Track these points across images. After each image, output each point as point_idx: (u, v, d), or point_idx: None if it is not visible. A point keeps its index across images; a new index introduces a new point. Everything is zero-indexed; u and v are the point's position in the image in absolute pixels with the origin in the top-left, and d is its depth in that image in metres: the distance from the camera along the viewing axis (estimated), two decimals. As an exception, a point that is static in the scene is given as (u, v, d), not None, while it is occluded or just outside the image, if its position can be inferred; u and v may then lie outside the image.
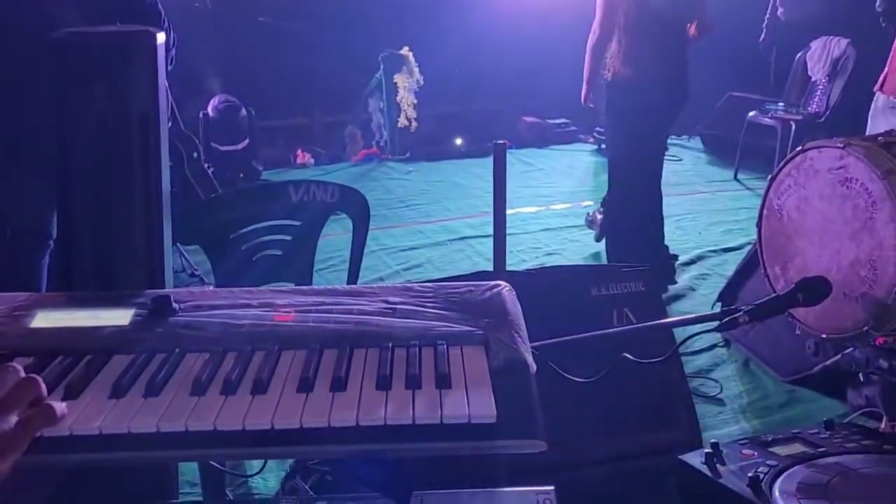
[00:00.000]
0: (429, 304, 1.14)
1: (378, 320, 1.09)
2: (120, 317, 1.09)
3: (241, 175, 5.72)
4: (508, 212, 2.22)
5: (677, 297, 3.65)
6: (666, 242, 4.13)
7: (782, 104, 5.73)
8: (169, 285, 1.31)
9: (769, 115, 5.65)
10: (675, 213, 5.04)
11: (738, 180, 5.83)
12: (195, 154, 4.48)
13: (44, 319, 1.08)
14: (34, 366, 0.99)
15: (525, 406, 0.94)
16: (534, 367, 1.02)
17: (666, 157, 6.56)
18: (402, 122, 6.63)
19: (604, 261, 4.16)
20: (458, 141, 6.86)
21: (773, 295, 1.58)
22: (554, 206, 5.20)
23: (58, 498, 1.07)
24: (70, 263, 1.29)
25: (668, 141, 6.86)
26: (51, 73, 1.24)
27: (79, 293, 1.18)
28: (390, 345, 1.04)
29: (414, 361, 1.00)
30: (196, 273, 3.69)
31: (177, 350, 1.03)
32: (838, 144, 2.17)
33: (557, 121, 7.17)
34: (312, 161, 6.53)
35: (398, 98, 6.60)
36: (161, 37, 1.21)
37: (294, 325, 1.08)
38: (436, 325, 1.08)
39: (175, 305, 1.11)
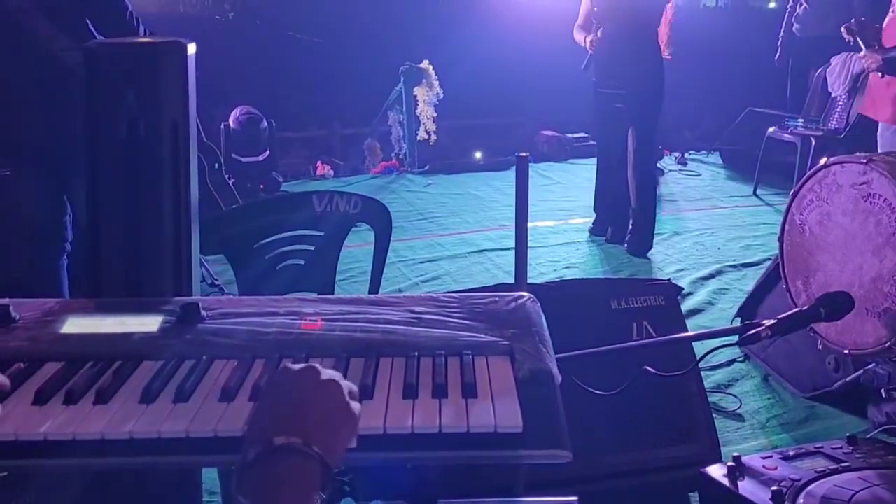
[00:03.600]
0: (454, 315, 1.14)
1: (404, 329, 1.10)
2: (148, 323, 1.10)
3: (262, 186, 5.76)
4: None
5: (696, 311, 3.63)
6: (675, 253, 4.42)
7: (802, 120, 5.70)
8: (196, 293, 1.32)
9: (789, 130, 5.63)
10: (694, 228, 5.02)
11: (757, 196, 5.80)
12: (216, 165, 4.53)
13: (73, 325, 1.09)
14: (64, 371, 1.00)
15: (550, 416, 0.94)
16: (559, 378, 1.02)
17: (684, 172, 6.58)
18: (422, 134, 6.66)
19: (622, 275, 4.15)
20: (477, 154, 6.89)
21: (796, 310, 1.57)
22: (573, 220, 5.20)
23: (84, 502, 1.08)
24: (98, 270, 1.30)
25: (687, 156, 6.89)
26: (81, 82, 1.26)
27: (108, 300, 1.20)
28: (416, 354, 1.05)
29: (440, 371, 1.00)
30: (216, 283, 3.72)
31: (205, 357, 1.04)
32: (861, 160, 2.16)
33: (576, 135, 7.18)
34: (332, 173, 6.58)
35: (418, 111, 6.64)
36: (192, 47, 1.23)
37: (321, 333, 1.09)
38: (461, 335, 1.09)
39: (203, 313, 1.12)
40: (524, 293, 1.20)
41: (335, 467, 0.76)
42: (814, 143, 5.31)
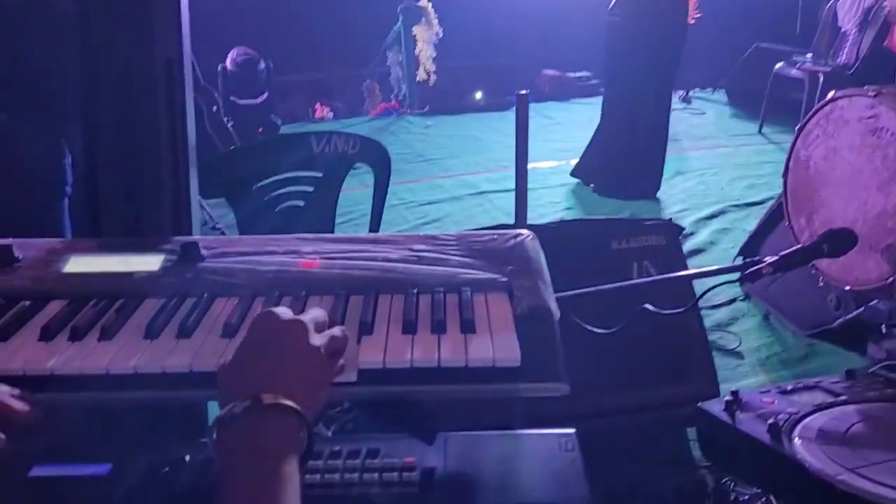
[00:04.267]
0: (453, 253, 1.15)
1: (403, 267, 1.10)
2: (150, 262, 1.11)
3: (261, 129, 5.71)
4: (528, 166, 2.22)
5: (698, 251, 3.63)
6: (677, 193, 4.39)
7: (810, 55, 5.60)
8: (197, 233, 1.33)
9: (797, 66, 5.53)
10: (697, 168, 4.99)
11: (762, 134, 5.75)
12: (214, 108, 4.48)
13: (77, 265, 1.10)
14: (69, 308, 1.01)
15: (548, 351, 0.95)
16: (557, 314, 1.03)
17: (688, 110, 6.50)
18: (421, 75, 6.57)
19: (623, 216, 4.15)
20: (478, 95, 6.80)
21: (799, 245, 1.57)
22: (574, 160, 5.17)
23: (90, 436, 1.10)
24: (98, 211, 1.30)
25: (692, 94, 6.78)
26: (65, 28, 1.24)
27: (109, 239, 1.20)
28: (415, 291, 1.05)
29: (439, 307, 1.01)
30: (217, 226, 3.72)
31: (206, 295, 1.05)
32: (869, 93, 2.13)
33: (578, 74, 7.07)
34: (331, 115, 6.51)
35: (417, 51, 6.53)
36: (184, -17, 1.20)
37: (320, 271, 1.10)
38: (460, 272, 1.09)
39: (203, 252, 1.12)
40: (523, 231, 1.20)
41: (312, 422, 0.78)
42: (822, 79, 5.22)
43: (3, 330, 0.94)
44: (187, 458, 1.00)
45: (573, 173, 4.73)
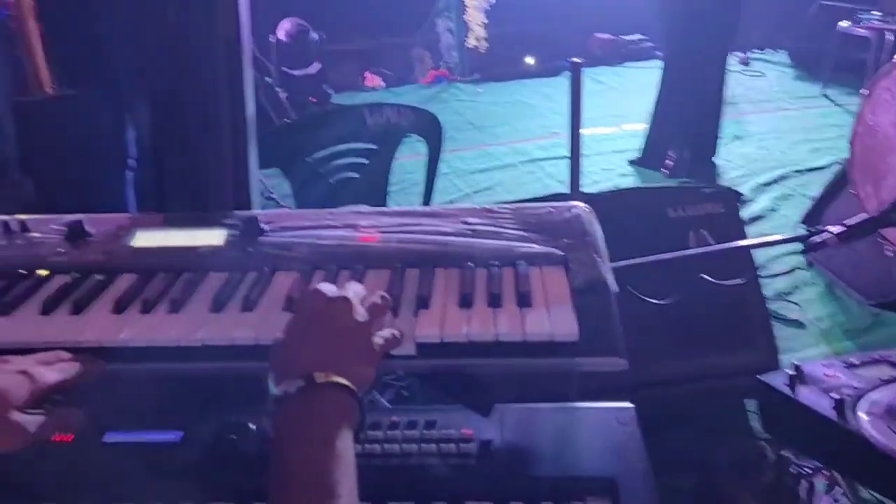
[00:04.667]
0: (508, 226, 1.15)
1: (459, 241, 1.11)
2: (213, 237, 1.14)
3: (313, 99, 5.75)
4: (580, 132, 2.18)
5: (757, 218, 3.55)
6: (735, 158, 4.22)
7: (877, 13, 5.34)
8: (256, 206, 1.35)
9: (862, 24, 5.29)
10: (756, 132, 4.85)
11: (826, 96, 5.54)
12: (267, 79, 4.52)
13: (144, 239, 1.14)
14: (138, 282, 1.05)
15: (606, 325, 0.95)
16: (615, 287, 1.02)
17: (747, 73, 6.29)
18: (471, 42, 6.50)
19: (680, 182, 4.06)
20: (529, 60, 6.70)
21: (866, 215, 1.52)
22: (627, 125, 5.07)
23: (162, 404, 1.14)
24: (163, 186, 1.34)
25: (750, 55, 6.55)
26: (130, 6, 1.27)
27: (175, 214, 1.23)
28: (471, 265, 1.06)
29: (495, 281, 1.02)
30: (272, 196, 3.78)
31: (267, 269, 1.07)
32: (942, 54, 2.02)
33: (632, 37, 6.90)
34: (382, 84, 6.51)
35: (467, 17, 6.46)
36: (240, -41, 1.21)
37: (378, 245, 1.11)
38: (516, 246, 1.09)
39: (264, 226, 1.15)
40: (579, 203, 1.19)
41: (363, 397, 0.81)
42: (890, 38, 4.98)
43: (78, 303, 0.98)
44: (252, 426, 1.03)
45: (638, 162, 4.45)
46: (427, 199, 1.98)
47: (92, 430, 1.02)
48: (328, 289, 0.86)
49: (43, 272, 1.06)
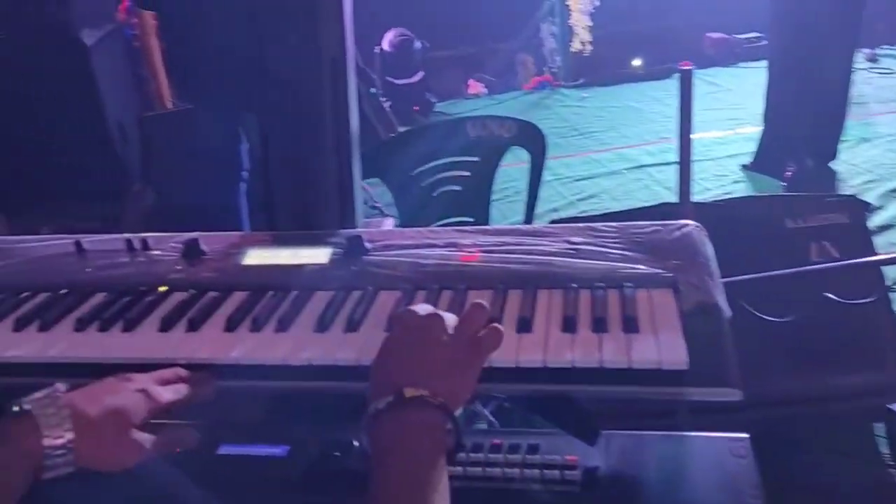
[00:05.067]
0: (613, 245, 1.11)
1: (562, 261, 1.08)
2: (319, 255, 1.16)
3: (416, 108, 5.83)
4: (692, 136, 2.10)
5: (887, 227, 3.31)
6: (862, 162, 3.95)
7: None
8: (359, 221, 1.38)
9: None
10: (885, 134, 4.53)
11: (965, 94, 5.11)
12: (372, 90, 4.62)
13: (254, 257, 1.18)
14: (249, 299, 1.08)
15: (718, 352, 0.91)
16: (728, 312, 0.97)
17: (875, 70, 5.90)
18: (576, 46, 6.41)
19: (799, 190, 3.85)
20: (637, 62, 6.53)
21: None
22: (742, 129, 4.85)
23: (272, 419, 1.18)
24: (272, 202, 1.38)
25: (878, 51, 6.14)
26: (243, 25, 1.31)
27: (283, 233, 1.28)
28: (575, 286, 1.03)
29: (600, 304, 0.99)
30: (377, 205, 3.85)
31: (371, 287, 1.09)
32: None
33: (747, 35, 6.59)
34: (485, 90, 6.51)
35: (571, 20, 6.37)
36: (346, -17, 1.24)
37: (479, 265, 1.10)
38: (621, 267, 1.06)
39: (367, 245, 1.16)
40: (689, 221, 1.14)
41: (457, 411, 0.80)
42: None
43: (193, 321, 1.02)
44: (356, 443, 1.05)
45: (752, 167, 4.20)
46: (529, 213, 1.96)
47: (207, 442, 1.06)
48: (420, 307, 0.87)
49: (162, 289, 1.11)
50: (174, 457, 1.04)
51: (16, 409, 0.79)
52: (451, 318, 0.87)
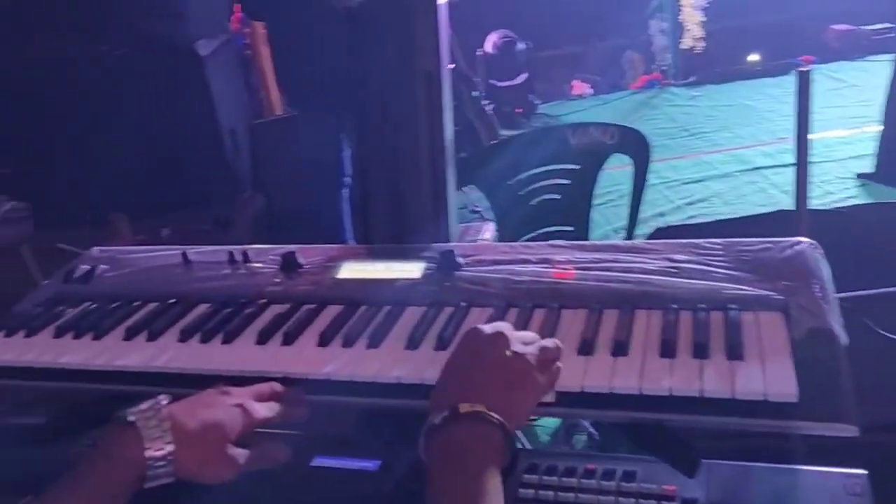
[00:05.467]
0: (718, 263, 1.05)
1: (662, 280, 1.04)
2: (412, 270, 1.16)
3: (519, 110, 5.79)
4: (812, 136, 1.97)
5: None
6: None
7: None
8: (454, 233, 1.37)
9: None
10: None
11: None
12: (474, 93, 4.62)
13: (348, 271, 1.19)
14: (344, 313, 1.09)
15: (832, 384, 0.84)
16: (844, 339, 0.90)
17: None
18: (687, 42, 6.18)
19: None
20: (753, 58, 6.21)
21: None
22: (869, 127, 4.53)
23: (366, 432, 1.19)
24: (367, 214, 1.40)
25: None
26: (345, 37, 1.33)
27: (377, 246, 1.28)
28: (675, 307, 0.98)
29: (702, 327, 0.94)
30: (477, 209, 3.85)
31: (463, 304, 1.08)
32: None
33: (875, 27, 6.15)
34: (590, 91, 6.39)
35: (682, 17, 6.15)
36: (443, -3, 1.24)
37: (573, 282, 1.07)
38: (726, 287, 1.00)
39: (460, 260, 1.15)
40: (803, 238, 1.06)
41: (515, 430, 0.79)
42: None
43: (288, 334, 1.04)
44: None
45: (869, 177, 3.86)
46: (632, 225, 1.90)
47: (301, 453, 1.08)
48: (487, 326, 0.86)
49: (261, 301, 1.14)
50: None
51: (121, 420, 0.83)
52: (522, 336, 0.86)
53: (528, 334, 0.88)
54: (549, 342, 0.87)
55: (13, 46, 3.81)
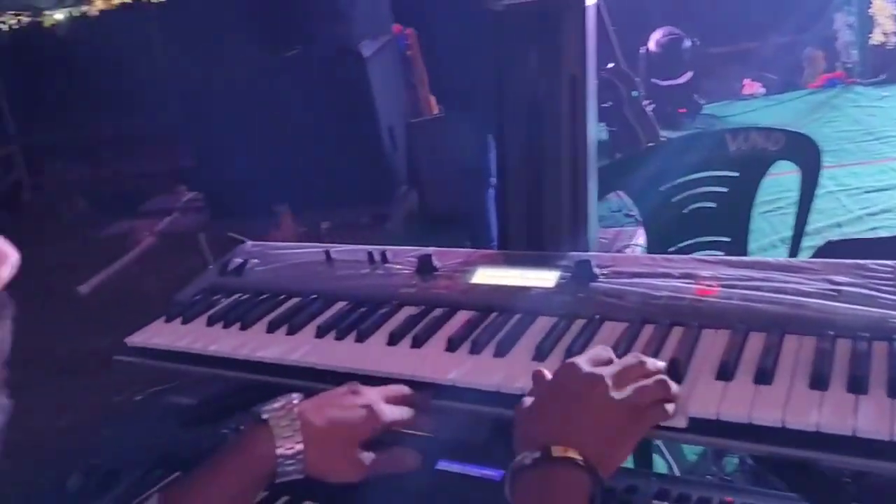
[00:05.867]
0: (887, 288, 0.95)
1: (818, 303, 0.94)
2: (546, 278, 1.14)
3: (682, 110, 5.54)
4: None
5: None
6: None
7: None
8: (593, 242, 1.33)
9: None
10: None
11: None
12: (633, 93, 4.48)
13: (482, 276, 1.18)
14: (475, 319, 1.09)
15: None
16: None
17: None
18: (877, 38, 5.64)
19: None
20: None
21: None
22: None
23: (493, 440, 1.18)
24: (506, 218, 1.39)
25: None
26: (490, 40, 1.33)
27: (513, 252, 1.27)
28: (832, 334, 0.89)
29: (861, 358, 0.84)
30: (631, 214, 3.73)
31: (596, 316, 1.04)
32: None
33: None
34: (763, 90, 5.99)
35: (872, 10, 5.61)
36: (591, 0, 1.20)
37: (717, 300, 1.00)
38: (893, 316, 0.89)
39: (596, 270, 1.11)
40: None
41: (607, 478, 0.75)
42: None
43: (417, 337, 1.05)
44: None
45: None
46: (796, 242, 1.75)
47: (428, 456, 1.09)
48: (584, 362, 0.82)
49: (395, 302, 1.17)
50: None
51: (255, 417, 0.87)
52: (622, 375, 0.80)
53: (630, 368, 0.82)
54: (650, 383, 0.80)
55: (204, 52, 4.16)
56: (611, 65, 4.72)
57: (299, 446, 0.85)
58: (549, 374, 0.85)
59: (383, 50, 4.31)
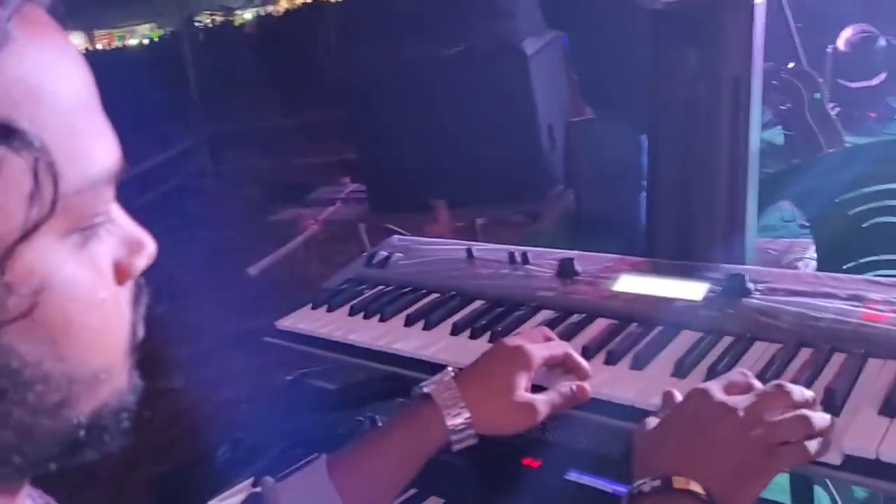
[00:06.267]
0: None
1: None
2: (694, 290, 1.08)
3: (872, 114, 5.05)
4: None
5: None
6: None
7: None
8: (749, 253, 1.24)
9: None
10: None
11: None
12: (816, 95, 4.15)
13: (625, 284, 1.14)
14: (614, 328, 1.05)
15: None
16: None
17: None
18: None
19: None
20: None
21: None
22: None
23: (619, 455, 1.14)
24: (655, 220, 1.33)
25: None
26: (647, 38, 1.27)
27: (660, 261, 1.21)
28: None
29: None
30: (805, 225, 3.45)
31: (747, 335, 0.97)
32: None
33: None
34: (969, 94, 5.33)
35: None
36: (760, -2, 1.12)
37: (888, 327, 0.90)
38: None
39: (750, 285, 1.04)
40: None
41: None
42: None
43: (553, 343, 1.03)
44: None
45: None
46: None
47: (557, 464, 1.07)
48: (717, 390, 0.76)
49: (533, 304, 1.15)
50: (525, 468, 1.08)
51: (418, 393, 0.90)
52: (757, 408, 0.73)
53: (769, 398, 0.74)
54: (789, 419, 0.72)
55: (374, 50, 4.33)
56: (791, 64, 4.39)
57: (465, 413, 0.86)
58: (679, 396, 0.81)
59: (546, 48, 4.27)
